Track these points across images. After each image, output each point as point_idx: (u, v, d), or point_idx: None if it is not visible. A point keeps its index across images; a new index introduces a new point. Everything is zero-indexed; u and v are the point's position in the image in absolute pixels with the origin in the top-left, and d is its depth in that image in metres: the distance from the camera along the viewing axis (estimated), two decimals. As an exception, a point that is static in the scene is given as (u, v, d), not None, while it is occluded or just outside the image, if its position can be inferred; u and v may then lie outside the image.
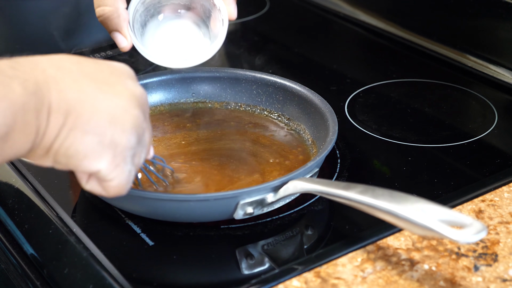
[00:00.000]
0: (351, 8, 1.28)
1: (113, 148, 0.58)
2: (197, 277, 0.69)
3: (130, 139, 0.59)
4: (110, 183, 0.60)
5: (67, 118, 0.55)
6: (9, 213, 0.78)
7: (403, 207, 0.61)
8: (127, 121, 0.58)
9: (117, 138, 0.58)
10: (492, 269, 0.67)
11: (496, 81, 1.05)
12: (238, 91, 0.92)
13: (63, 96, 0.55)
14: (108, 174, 0.59)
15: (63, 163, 0.58)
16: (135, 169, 0.62)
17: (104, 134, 0.57)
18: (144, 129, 0.61)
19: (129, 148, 0.59)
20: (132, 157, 0.61)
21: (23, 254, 0.76)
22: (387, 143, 0.90)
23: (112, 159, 0.58)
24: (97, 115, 0.57)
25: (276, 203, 0.72)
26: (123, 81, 0.60)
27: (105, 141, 0.57)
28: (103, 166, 0.58)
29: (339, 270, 0.67)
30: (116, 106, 0.58)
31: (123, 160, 0.59)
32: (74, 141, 0.56)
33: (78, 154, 0.57)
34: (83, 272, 0.69)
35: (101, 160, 0.58)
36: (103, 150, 0.57)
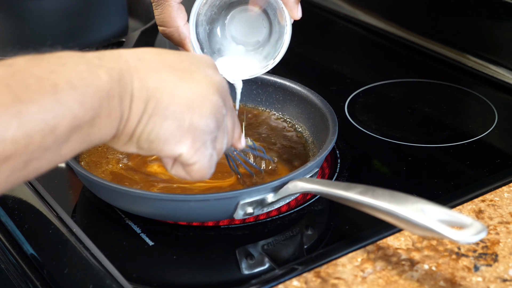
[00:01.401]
0: (351, 8, 1.28)
1: (192, 132, 0.60)
2: (197, 277, 0.69)
3: (209, 123, 0.61)
4: (193, 167, 0.62)
5: (147, 105, 0.58)
6: (9, 213, 0.78)
7: (403, 207, 0.61)
8: (205, 106, 0.60)
9: (195, 123, 0.60)
10: (492, 269, 0.67)
11: (496, 81, 1.05)
12: (238, 91, 0.92)
13: (144, 84, 0.58)
14: (190, 158, 0.61)
15: (146, 148, 0.60)
16: (216, 153, 0.64)
17: (183, 119, 0.59)
18: (224, 115, 0.63)
19: (208, 132, 0.61)
20: (213, 142, 0.62)
21: (23, 254, 0.76)
22: (387, 143, 0.90)
23: (192, 143, 0.60)
24: (176, 101, 0.59)
25: (276, 203, 0.72)
26: (202, 70, 0.62)
27: (184, 126, 0.59)
28: (183, 150, 0.60)
29: (339, 270, 0.67)
30: (195, 92, 0.60)
31: (203, 144, 0.61)
32: (155, 126, 0.58)
33: (159, 139, 0.59)
34: (83, 272, 0.69)
35: (181, 144, 0.60)
36: (182, 135, 0.60)
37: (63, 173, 0.84)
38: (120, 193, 0.72)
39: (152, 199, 0.71)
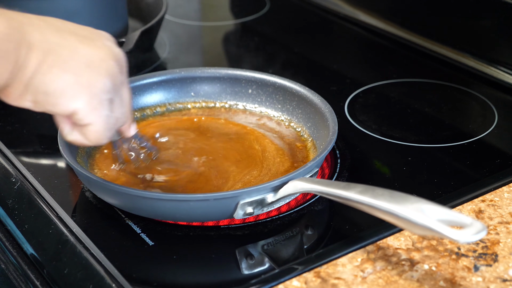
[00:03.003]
0: (351, 8, 1.28)
1: (89, 89, 0.62)
2: (197, 277, 0.69)
3: (106, 83, 0.63)
4: (89, 127, 0.64)
5: (47, 56, 0.60)
6: (9, 213, 0.78)
7: (403, 207, 0.61)
8: (103, 68, 0.63)
9: (93, 80, 0.62)
10: (492, 269, 0.67)
11: (496, 81, 1.05)
12: (238, 91, 0.92)
13: (45, 38, 0.60)
14: (86, 116, 0.63)
15: (41, 101, 0.61)
16: (114, 118, 0.65)
17: (81, 75, 0.62)
18: (121, 83, 0.66)
19: (105, 91, 0.63)
20: (110, 104, 0.64)
21: (23, 254, 0.76)
22: (387, 143, 0.90)
23: (88, 99, 0.62)
24: (75, 58, 0.62)
25: (276, 203, 0.72)
26: (102, 40, 0.66)
27: (82, 81, 0.62)
28: (80, 105, 0.62)
29: (339, 270, 0.67)
30: (94, 54, 0.63)
31: (100, 103, 0.63)
32: (52, 78, 0.60)
33: (55, 91, 0.61)
34: (83, 272, 0.69)
35: (77, 99, 0.62)
36: (79, 89, 0.62)
37: (63, 173, 0.84)
38: (120, 193, 0.72)
39: (152, 199, 0.71)
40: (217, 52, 1.26)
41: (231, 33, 1.31)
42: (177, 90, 0.92)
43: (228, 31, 1.31)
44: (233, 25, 1.33)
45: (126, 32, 1.14)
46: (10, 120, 0.95)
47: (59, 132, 0.78)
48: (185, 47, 1.23)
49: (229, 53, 1.24)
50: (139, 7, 1.23)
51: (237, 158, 0.82)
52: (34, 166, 0.84)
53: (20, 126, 0.94)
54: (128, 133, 0.73)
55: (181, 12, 1.36)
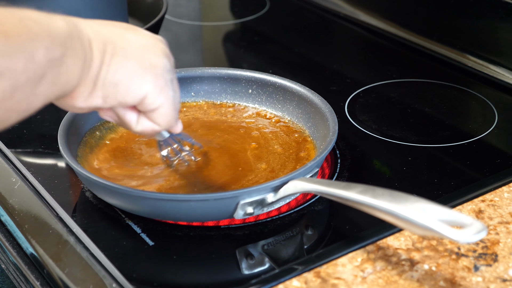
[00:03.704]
0: (351, 8, 1.28)
1: (153, 69, 0.63)
2: (197, 277, 0.69)
3: (165, 62, 0.64)
4: (159, 110, 0.64)
5: (106, 46, 0.60)
6: (9, 213, 0.78)
7: (403, 207, 0.61)
8: (158, 48, 0.64)
9: (154, 61, 0.63)
10: (492, 269, 0.67)
11: (496, 81, 1.05)
12: (238, 91, 0.92)
13: (97, 31, 0.61)
14: (155, 99, 0.63)
15: (112, 94, 0.61)
16: (178, 98, 0.66)
17: (142, 58, 0.62)
18: (173, 66, 0.66)
19: (167, 70, 0.64)
20: (172, 84, 0.65)
21: (23, 254, 0.76)
22: (387, 143, 0.90)
23: (155, 80, 0.63)
24: (131, 44, 0.62)
25: (276, 203, 0.72)
26: (140, 29, 0.66)
27: (145, 64, 0.62)
28: (149, 88, 0.63)
29: (339, 270, 0.67)
30: (145, 39, 0.64)
31: (165, 83, 0.64)
32: (118, 66, 0.61)
33: (124, 79, 0.61)
34: (83, 272, 0.69)
35: (146, 81, 0.62)
36: (145, 72, 0.62)
37: (63, 173, 0.84)
38: (120, 193, 0.72)
39: (152, 199, 0.71)
40: (217, 52, 1.26)
41: (231, 33, 1.31)
42: (177, 90, 0.92)
43: (228, 31, 1.31)
44: (233, 25, 1.33)
45: (126, 32, 1.14)
46: (10, 120, 0.95)
47: (59, 131, 0.78)
48: (185, 47, 1.23)
49: (229, 53, 1.24)
50: (139, 7, 1.23)
51: (233, 158, 0.82)
52: (34, 166, 0.84)
53: (20, 126, 0.93)
54: (176, 129, 0.72)
55: (181, 12, 1.36)
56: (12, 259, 0.77)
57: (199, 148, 0.81)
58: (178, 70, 0.92)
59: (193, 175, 0.79)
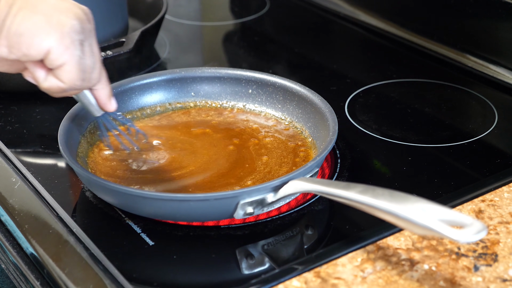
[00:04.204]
0: (351, 8, 1.28)
1: (60, 28, 0.65)
2: (197, 277, 0.69)
3: (75, 24, 0.66)
4: (64, 67, 0.67)
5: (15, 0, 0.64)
6: (9, 213, 0.78)
7: (403, 207, 0.61)
8: (71, 12, 0.67)
9: (63, 20, 0.66)
10: (492, 269, 0.67)
11: (496, 81, 1.05)
12: (238, 91, 0.92)
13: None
14: (60, 56, 0.66)
15: (15, 44, 0.65)
16: (86, 62, 0.68)
17: (51, 15, 0.65)
18: (90, 31, 0.69)
19: (75, 31, 0.66)
20: (81, 45, 0.67)
21: (23, 254, 0.76)
22: (387, 143, 0.90)
23: (60, 38, 0.65)
24: (44, 2, 0.66)
25: (276, 203, 0.72)
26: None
27: (53, 21, 0.65)
28: (53, 43, 0.65)
29: (339, 270, 0.67)
30: (60, 2, 0.67)
31: (71, 42, 0.66)
32: (24, 18, 0.64)
33: (29, 31, 0.64)
34: (83, 272, 0.69)
35: (50, 37, 0.65)
36: (51, 28, 0.65)
37: (63, 173, 0.84)
38: (120, 193, 0.72)
39: (152, 199, 0.71)
40: (217, 52, 1.26)
41: (231, 33, 1.31)
42: (177, 90, 0.92)
43: (228, 31, 1.31)
44: (233, 25, 1.33)
45: (126, 32, 1.14)
46: (10, 120, 0.95)
47: (59, 131, 0.78)
48: (185, 47, 1.23)
49: (229, 53, 1.24)
50: (139, 7, 1.23)
51: (234, 158, 0.82)
52: (34, 166, 0.84)
53: (20, 126, 0.94)
54: (108, 106, 0.75)
55: (181, 12, 1.36)
56: (12, 259, 0.77)
57: (144, 138, 0.82)
58: (178, 70, 0.92)
59: (184, 161, 0.79)
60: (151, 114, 0.91)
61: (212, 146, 0.84)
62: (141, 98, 0.91)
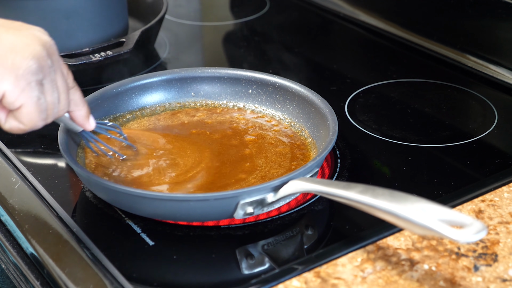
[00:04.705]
0: (351, 8, 1.28)
1: (14, 70, 0.63)
2: (197, 277, 0.69)
3: (31, 64, 0.64)
4: (22, 110, 0.65)
5: None
6: (9, 213, 0.78)
7: (403, 207, 0.61)
8: (27, 51, 0.64)
9: (17, 62, 0.63)
10: (492, 269, 0.67)
11: (496, 81, 1.05)
12: (238, 91, 0.92)
13: None
14: (16, 99, 0.64)
15: None
16: (47, 101, 0.66)
17: (6, 58, 0.63)
18: (50, 67, 0.66)
19: (31, 73, 0.64)
20: (39, 86, 0.65)
21: (23, 254, 0.76)
22: (387, 143, 0.90)
23: (15, 81, 0.63)
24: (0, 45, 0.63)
25: (276, 203, 0.72)
26: (31, 31, 0.66)
27: (7, 64, 0.63)
28: (7, 87, 0.63)
29: (339, 270, 0.67)
30: (18, 40, 0.64)
31: (27, 84, 0.64)
32: None
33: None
34: (83, 272, 0.69)
35: (4, 81, 0.63)
36: (4, 72, 0.63)
37: (63, 173, 0.84)
38: (120, 193, 0.72)
39: (152, 199, 0.71)
40: (217, 52, 1.26)
41: (231, 33, 1.31)
42: (177, 90, 0.92)
43: (228, 31, 1.31)
44: (233, 25, 1.33)
45: (126, 32, 1.14)
46: (10, 120, 0.95)
47: (59, 131, 0.78)
48: (185, 47, 1.23)
49: (229, 53, 1.24)
50: (139, 7, 1.23)
51: (234, 158, 0.82)
52: (34, 166, 0.84)
53: (20, 126, 0.93)
54: (86, 126, 0.74)
55: (181, 12, 1.36)
56: (12, 259, 0.77)
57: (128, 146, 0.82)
58: (178, 70, 0.92)
59: (180, 160, 0.79)
60: (151, 114, 0.91)
61: (211, 146, 0.84)
62: (141, 98, 0.91)
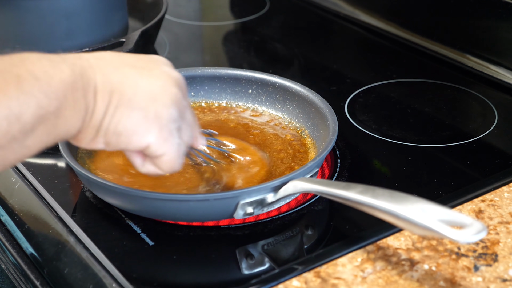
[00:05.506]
0: (351, 8, 1.28)
1: (158, 121, 0.62)
2: (197, 277, 0.69)
3: (172, 112, 0.63)
4: (163, 158, 0.64)
5: (112, 97, 0.60)
6: (9, 213, 0.78)
7: (403, 207, 0.61)
8: (167, 97, 0.63)
9: (160, 112, 0.62)
10: (492, 269, 0.67)
11: (496, 81, 1.05)
12: (238, 91, 0.92)
13: (107, 78, 0.60)
14: (159, 148, 0.63)
15: (114, 142, 0.61)
16: (184, 144, 0.65)
17: (148, 109, 0.61)
18: (185, 107, 0.65)
19: (173, 121, 0.63)
20: (178, 131, 0.64)
21: (23, 254, 0.76)
22: (387, 143, 0.90)
23: (159, 132, 0.62)
24: (139, 93, 0.61)
25: (276, 203, 0.72)
26: (160, 67, 0.65)
27: (150, 116, 0.61)
28: (152, 139, 0.62)
29: (339, 270, 0.67)
30: (155, 85, 0.63)
31: (169, 133, 0.63)
32: (121, 117, 0.60)
33: (127, 131, 0.61)
34: (83, 272, 0.69)
35: (149, 133, 0.62)
36: (149, 124, 0.62)
37: (63, 173, 0.84)
38: (120, 193, 0.72)
39: (152, 199, 0.71)
40: (217, 52, 1.26)
41: (231, 33, 1.31)
42: (177, 90, 0.92)
43: (228, 31, 1.31)
44: (233, 25, 1.33)
45: (126, 32, 1.14)
46: (10, 120, 0.95)
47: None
48: (185, 47, 1.23)
49: (229, 53, 1.24)
50: (139, 7, 1.23)
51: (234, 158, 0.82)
52: (34, 166, 0.84)
53: (20, 126, 0.93)
54: (197, 146, 0.72)
55: (181, 12, 1.36)
56: (12, 259, 0.77)
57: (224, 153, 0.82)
58: (178, 70, 0.92)
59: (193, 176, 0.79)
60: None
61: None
62: (141, 98, 0.91)
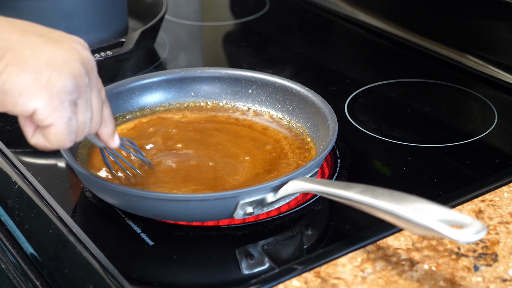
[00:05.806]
0: (351, 8, 1.28)
1: (49, 88, 0.60)
2: (197, 277, 0.69)
3: (67, 83, 0.61)
4: (50, 129, 0.62)
5: (5, 54, 0.59)
6: (9, 213, 0.78)
7: (403, 207, 0.61)
8: (65, 68, 0.61)
9: (53, 79, 0.60)
10: (492, 269, 0.67)
11: (496, 81, 1.05)
12: (238, 91, 0.92)
13: (5, 36, 0.59)
14: (46, 117, 0.61)
15: (1, 100, 0.60)
16: (78, 122, 0.63)
17: (41, 73, 0.60)
18: (87, 86, 0.63)
19: (66, 92, 0.61)
20: (72, 106, 0.62)
21: (23, 254, 0.76)
22: (387, 143, 0.90)
23: (48, 99, 0.60)
24: (36, 57, 0.60)
25: (276, 203, 0.72)
26: (71, 43, 0.63)
27: (41, 80, 0.60)
28: (39, 105, 0.60)
29: (339, 270, 0.67)
30: (57, 55, 0.61)
31: (60, 104, 0.61)
32: (10, 76, 0.59)
33: (14, 90, 0.59)
34: (83, 272, 0.69)
35: (37, 98, 0.60)
36: (39, 89, 0.60)
37: (63, 173, 0.84)
38: (120, 193, 0.72)
39: (152, 199, 0.71)
40: (217, 52, 1.26)
41: (231, 33, 1.31)
42: (177, 90, 0.92)
43: (228, 31, 1.31)
44: (233, 25, 1.33)
45: (126, 32, 1.14)
46: (10, 120, 0.95)
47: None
48: (185, 47, 1.23)
49: (229, 53, 1.24)
50: (139, 7, 1.23)
51: (234, 158, 0.82)
52: (34, 166, 0.84)
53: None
54: (111, 143, 0.71)
55: (181, 12, 1.36)
56: (12, 259, 0.77)
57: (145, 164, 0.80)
58: (178, 70, 0.92)
59: (183, 170, 0.79)
60: (150, 114, 0.91)
61: (211, 146, 0.84)
62: (141, 98, 0.91)
